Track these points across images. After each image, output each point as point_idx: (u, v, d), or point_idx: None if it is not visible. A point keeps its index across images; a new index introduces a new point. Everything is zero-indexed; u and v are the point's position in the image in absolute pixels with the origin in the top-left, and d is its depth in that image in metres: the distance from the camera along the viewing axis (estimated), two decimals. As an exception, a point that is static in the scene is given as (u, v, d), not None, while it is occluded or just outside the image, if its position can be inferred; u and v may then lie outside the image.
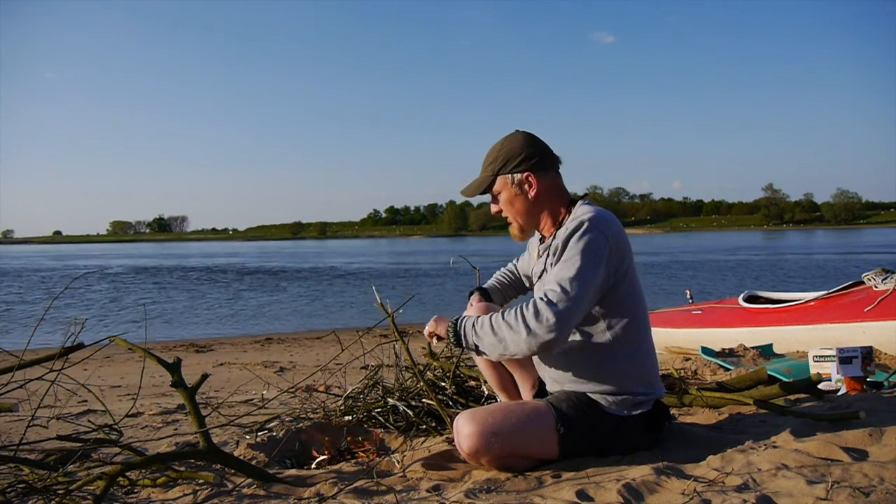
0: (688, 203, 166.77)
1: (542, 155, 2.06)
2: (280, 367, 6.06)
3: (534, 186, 2.04)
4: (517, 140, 2.07)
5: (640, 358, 2.01)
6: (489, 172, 2.08)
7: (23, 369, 2.15)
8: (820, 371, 2.99)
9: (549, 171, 2.06)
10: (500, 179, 2.07)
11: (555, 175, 2.08)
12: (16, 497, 1.92)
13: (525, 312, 1.83)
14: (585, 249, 1.87)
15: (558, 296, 1.82)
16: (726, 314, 4.89)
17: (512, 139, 2.08)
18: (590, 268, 1.87)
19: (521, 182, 2.05)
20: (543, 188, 2.05)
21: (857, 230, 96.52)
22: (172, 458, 2.16)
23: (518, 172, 2.04)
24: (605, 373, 1.98)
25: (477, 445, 1.90)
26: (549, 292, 1.84)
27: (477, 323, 1.92)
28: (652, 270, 22.23)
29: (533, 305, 1.83)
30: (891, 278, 4.06)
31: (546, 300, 1.82)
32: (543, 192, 2.05)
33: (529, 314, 1.82)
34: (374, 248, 61.97)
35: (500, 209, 2.11)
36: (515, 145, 2.05)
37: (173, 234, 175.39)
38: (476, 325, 1.92)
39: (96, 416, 3.64)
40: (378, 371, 3.04)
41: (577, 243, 1.88)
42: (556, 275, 1.87)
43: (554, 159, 2.09)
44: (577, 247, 1.88)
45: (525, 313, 1.83)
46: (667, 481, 1.71)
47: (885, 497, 1.49)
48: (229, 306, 14.55)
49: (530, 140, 2.07)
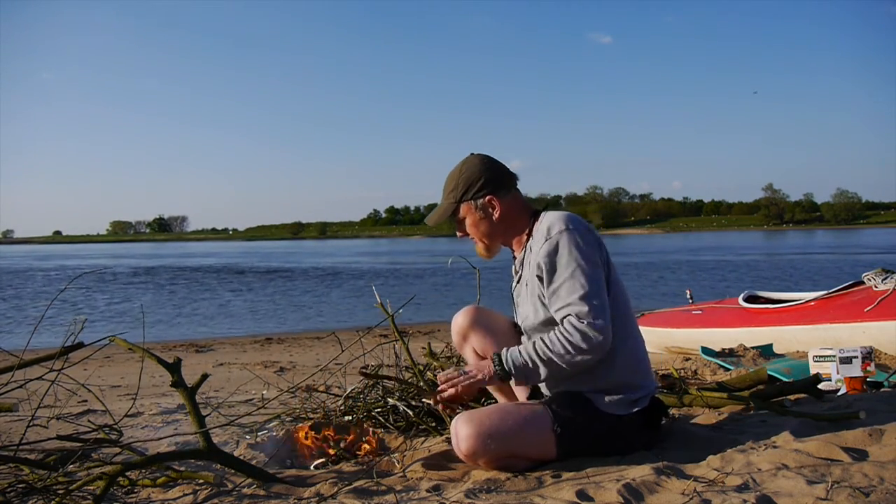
0: (688, 203, 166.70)
1: (500, 176, 2.11)
2: (280, 367, 6.06)
3: (497, 208, 2.09)
4: (475, 164, 2.10)
5: (629, 351, 2.03)
6: (451, 199, 2.12)
7: (23, 369, 2.15)
8: (820, 371, 2.99)
9: (509, 190, 2.12)
10: (463, 206, 2.11)
11: (514, 193, 2.14)
12: (16, 497, 1.92)
13: (570, 338, 1.88)
14: (575, 251, 1.94)
15: (583, 306, 1.88)
16: (726, 314, 4.89)
17: (469, 164, 2.11)
18: (590, 265, 1.94)
19: (485, 206, 2.09)
20: (506, 208, 2.10)
21: (857, 230, 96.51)
22: (172, 458, 2.16)
23: (480, 197, 2.08)
24: (599, 370, 1.99)
25: (475, 447, 1.91)
26: (574, 307, 1.89)
27: (529, 365, 1.93)
28: (652, 270, 22.23)
29: (571, 327, 1.88)
30: (891, 278, 4.06)
31: (576, 316, 1.88)
32: (507, 212, 2.11)
33: (576, 338, 1.87)
34: (374, 248, 61.98)
35: (464, 234, 2.15)
36: (474, 170, 2.09)
37: (173, 234, 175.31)
38: (528, 367, 1.94)
39: (96, 416, 3.64)
40: (378, 371, 3.04)
41: (565, 250, 1.94)
42: (567, 288, 1.92)
43: (511, 177, 2.14)
44: (569, 253, 1.94)
45: (570, 339, 1.88)
46: (667, 481, 1.71)
47: (885, 497, 1.49)
48: (229, 306, 14.55)
49: (487, 163, 2.11)
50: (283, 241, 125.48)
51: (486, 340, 2.22)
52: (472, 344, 2.25)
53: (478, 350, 2.25)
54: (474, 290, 3.03)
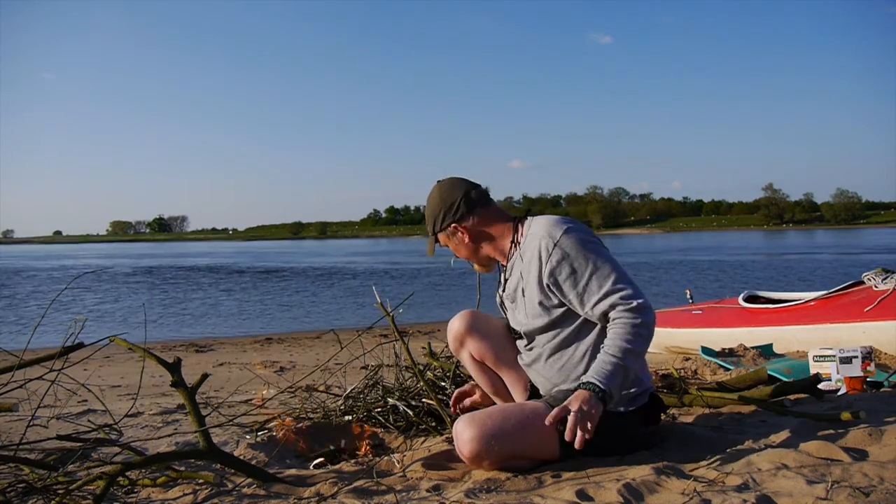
0: (688, 203, 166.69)
1: (459, 201, 2.14)
2: (280, 367, 6.05)
3: (465, 233, 2.16)
4: (435, 197, 2.19)
5: None
6: (430, 232, 2.23)
7: (23, 369, 2.15)
8: (820, 371, 2.99)
9: (472, 210, 2.15)
10: (440, 236, 2.21)
11: (482, 211, 2.16)
12: (16, 497, 1.92)
13: (633, 323, 1.90)
14: (585, 246, 1.97)
15: (623, 289, 1.93)
16: (726, 314, 4.89)
17: (432, 198, 2.20)
18: (604, 251, 2.01)
19: (453, 233, 2.17)
20: (474, 230, 2.16)
21: (857, 230, 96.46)
22: (172, 457, 2.16)
23: (446, 228, 2.16)
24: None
25: (478, 449, 1.91)
26: (615, 294, 1.92)
27: (618, 373, 1.89)
28: (652, 270, 22.22)
29: (627, 313, 1.91)
30: (891, 278, 4.06)
31: (623, 301, 1.91)
32: (476, 233, 2.16)
33: (638, 321, 1.90)
34: (374, 248, 61.97)
35: (457, 256, 2.25)
36: (434, 203, 2.18)
37: (173, 234, 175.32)
38: (619, 374, 1.89)
39: (96, 415, 3.63)
40: (378, 371, 3.04)
41: (574, 249, 1.97)
42: (597, 281, 1.94)
43: (471, 195, 2.16)
44: (580, 251, 1.97)
45: (633, 323, 1.90)
46: (667, 481, 1.71)
47: (885, 497, 1.49)
48: (229, 306, 14.55)
49: (446, 191, 2.17)
50: (283, 240, 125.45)
51: (483, 345, 2.23)
52: (468, 349, 2.26)
53: (475, 355, 2.25)
54: (474, 290, 3.03)
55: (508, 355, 2.23)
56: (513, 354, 2.23)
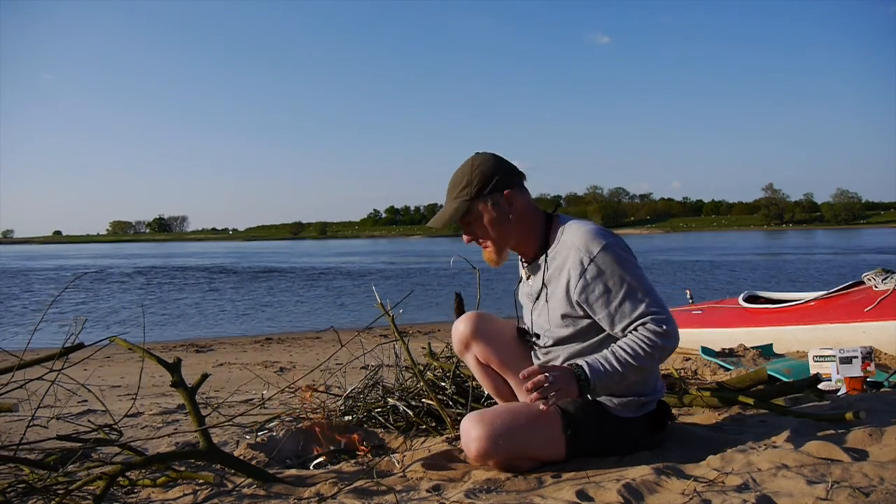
0: (688, 203, 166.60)
1: (514, 172, 2.02)
2: (280, 367, 6.05)
3: (515, 205, 1.99)
4: (487, 161, 1.99)
5: None
6: (465, 197, 1.97)
7: (23, 369, 2.15)
8: (820, 371, 2.99)
9: (523, 188, 2.03)
10: (478, 203, 1.97)
11: (526, 192, 2.05)
12: (16, 497, 1.92)
13: (655, 341, 1.86)
14: (622, 265, 1.90)
15: (655, 310, 1.89)
16: (726, 314, 4.89)
17: (481, 161, 1.99)
18: (639, 271, 1.94)
19: (503, 203, 1.98)
20: (524, 205, 2.01)
21: (857, 230, 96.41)
22: (172, 458, 2.16)
23: (497, 192, 1.97)
24: None
25: (486, 448, 1.90)
26: (647, 316, 1.88)
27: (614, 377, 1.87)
28: (652, 270, 22.22)
29: (653, 333, 1.86)
30: (891, 278, 4.06)
31: (654, 321, 1.87)
32: (524, 210, 2.01)
33: (661, 342, 1.86)
34: (374, 248, 61.94)
35: (473, 237, 2.02)
36: (488, 166, 1.97)
37: (173, 234, 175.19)
38: (613, 378, 1.87)
39: (96, 416, 3.63)
40: (378, 371, 3.04)
41: (611, 267, 1.89)
42: (630, 303, 1.89)
43: (521, 176, 2.05)
44: (617, 269, 1.89)
45: (655, 342, 1.86)
46: (667, 481, 1.71)
47: (885, 497, 1.49)
48: (229, 306, 14.54)
49: (499, 159, 2.01)
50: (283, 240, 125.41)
51: (489, 348, 2.18)
52: (474, 352, 2.22)
53: (480, 358, 2.22)
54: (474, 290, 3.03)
55: (514, 358, 2.18)
56: (518, 357, 2.17)
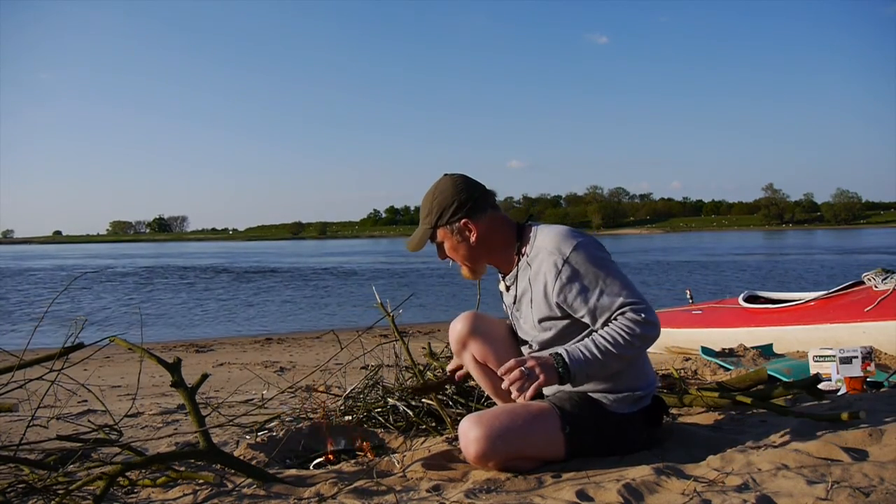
0: (687, 203, 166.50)
1: (474, 197, 2.05)
2: (280, 367, 6.05)
3: (473, 231, 2.04)
4: (447, 187, 2.06)
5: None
6: (427, 225, 2.07)
7: (23, 369, 2.15)
8: (820, 371, 2.99)
9: (484, 210, 2.06)
10: (439, 231, 2.06)
11: (492, 212, 2.08)
12: (16, 497, 1.92)
13: (634, 330, 1.87)
14: (595, 263, 1.93)
15: (633, 300, 1.90)
16: (726, 314, 4.89)
17: (442, 187, 2.06)
18: (614, 266, 1.97)
19: (461, 229, 2.04)
20: (483, 230, 2.05)
21: (857, 230, 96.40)
22: (172, 458, 2.16)
23: (455, 221, 2.04)
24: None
25: (485, 449, 1.91)
26: (625, 306, 1.89)
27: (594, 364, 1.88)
28: (652, 270, 22.22)
29: (631, 321, 1.88)
30: (891, 278, 4.06)
31: (633, 309, 1.89)
32: (484, 234, 2.06)
33: (639, 330, 1.87)
34: (375, 248, 61.95)
35: (446, 257, 2.11)
36: (447, 194, 2.04)
37: (173, 234, 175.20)
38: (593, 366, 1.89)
39: (96, 416, 3.63)
40: (378, 371, 3.04)
41: (585, 266, 1.93)
42: (608, 296, 1.91)
43: (487, 195, 2.09)
44: (591, 267, 1.93)
45: (633, 330, 1.87)
46: (667, 481, 1.71)
47: (885, 497, 1.49)
48: (229, 306, 14.55)
49: (461, 185, 2.06)
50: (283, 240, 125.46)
51: (486, 348, 2.20)
52: (471, 351, 2.23)
53: (477, 357, 2.23)
54: (475, 290, 3.03)
55: (510, 357, 2.18)
56: (515, 356, 2.19)
